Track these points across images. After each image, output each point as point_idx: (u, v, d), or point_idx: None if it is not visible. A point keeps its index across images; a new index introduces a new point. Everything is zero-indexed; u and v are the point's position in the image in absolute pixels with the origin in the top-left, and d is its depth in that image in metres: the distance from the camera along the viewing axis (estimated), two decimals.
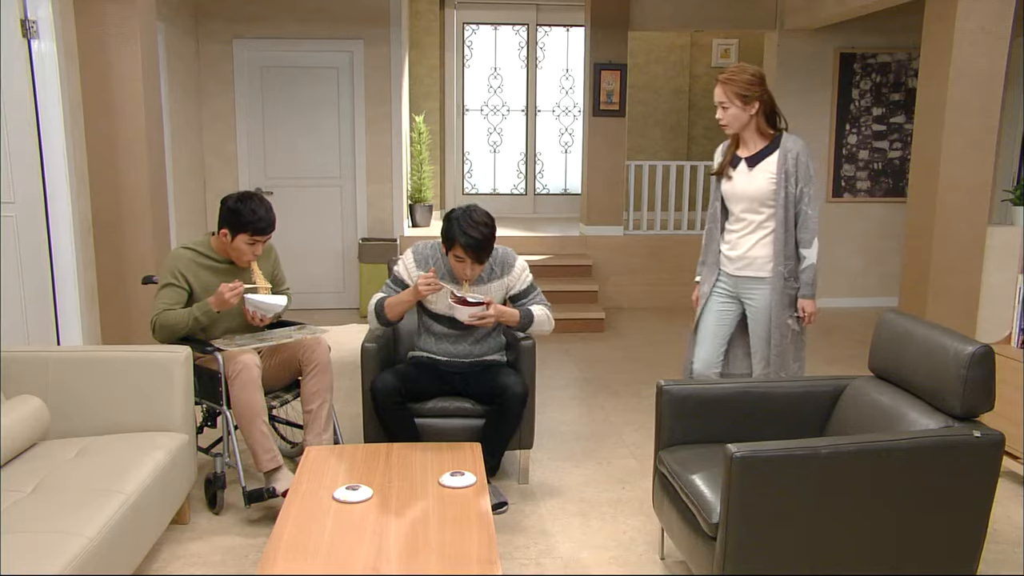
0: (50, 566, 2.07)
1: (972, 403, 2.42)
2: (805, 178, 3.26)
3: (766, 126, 3.32)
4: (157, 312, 3.30)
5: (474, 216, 3.21)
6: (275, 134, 6.94)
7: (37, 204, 4.01)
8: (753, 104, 3.26)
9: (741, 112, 3.27)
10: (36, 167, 3.99)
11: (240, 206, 3.30)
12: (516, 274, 3.45)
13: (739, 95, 3.25)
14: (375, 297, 3.41)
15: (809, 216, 3.26)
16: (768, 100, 3.29)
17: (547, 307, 3.47)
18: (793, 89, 7.19)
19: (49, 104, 3.98)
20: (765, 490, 2.31)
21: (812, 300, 3.34)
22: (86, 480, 2.56)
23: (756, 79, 3.26)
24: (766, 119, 3.30)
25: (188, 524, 3.23)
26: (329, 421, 3.44)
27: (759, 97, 3.26)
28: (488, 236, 3.21)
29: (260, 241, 3.37)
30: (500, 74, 8.78)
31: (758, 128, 3.32)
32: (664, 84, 8.92)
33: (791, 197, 3.26)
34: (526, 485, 3.64)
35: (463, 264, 3.26)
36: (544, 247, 7.29)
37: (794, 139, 3.30)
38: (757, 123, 3.30)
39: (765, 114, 3.29)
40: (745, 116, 3.28)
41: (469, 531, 2.40)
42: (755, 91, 3.25)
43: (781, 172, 3.26)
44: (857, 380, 2.87)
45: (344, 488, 2.64)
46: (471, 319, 3.20)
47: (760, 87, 3.26)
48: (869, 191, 7.38)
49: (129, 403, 3.04)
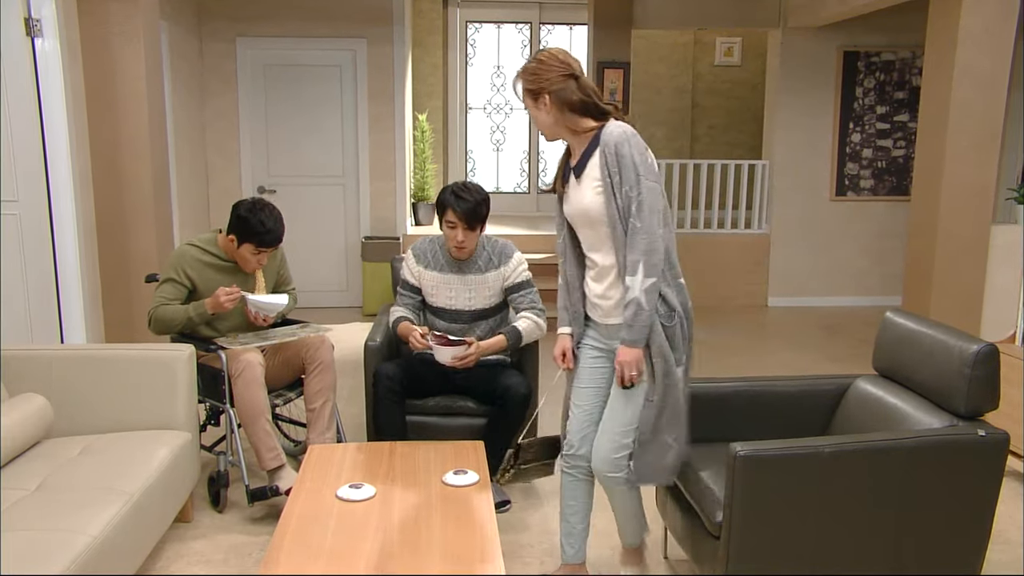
0: (54, 564, 2.07)
1: (976, 402, 2.41)
2: (630, 177, 2.37)
3: (580, 121, 2.46)
4: (155, 305, 3.32)
5: (467, 184, 3.37)
6: (278, 132, 6.94)
7: (41, 202, 4.01)
8: (542, 98, 2.45)
9: (536, 112, 2.49)
10: (40, 165, 3.99)
11: (250, 216, 3.30)
12: (512, 266, 3.47)
13: (527, 91, 2.49)
14: (394, 314, 3.48)
15: (638, 230, 2.36)
16: (567, 89, 2.42)
17: (538, 311, 3.46)
18: (796, 87, 7.19)
19: (52, 102, 3.98)
20: (769, 489, 2.31)
21: (634, 350, 2.40)
22: (89, 478, 2.57)
23: (541, 66, 2.45)
24: (577, 112, 2.45)
25: (191, 522, 3.23)
26: (332, 420, 3.44)
27: (549, 88, 2.43)
28: (479, 201, 3.31)
29: (265, 252, 3.37)
30: (503, 72, 8.78)
31: (570, 127, 2.47)
32: (667, 83, 8.91)
33: (623, 207, 2.40)
34: (528, 484, 3.64)
35: (455, 231, 3.30)
36: (547, 245, 7.28)
37: (614, 127, 2.42)
38: (566, 120, 2.46)
39: (571, 107, 2.44)
40: (543, 115, 2.48)
41: (472, 529, 2.40)
42: (538, 81, 2.44)
43: (604, 176, 2.42)
44: (861, 379, 2.86)
45: (347, 486, 2.63)
46: (453, 361, 3.19)
47: (545, 76, 2.43)
48: (872, 190, 7.37)
49: (132, 401, 3.04)
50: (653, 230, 2.36)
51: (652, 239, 2.36)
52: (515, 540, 3.14)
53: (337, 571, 2.17)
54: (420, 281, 3.47)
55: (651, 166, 2.40)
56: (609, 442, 2.53)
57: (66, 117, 4.03)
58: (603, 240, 2.50)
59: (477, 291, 3.44)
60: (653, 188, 2.38)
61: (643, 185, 2.36)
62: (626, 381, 2.44)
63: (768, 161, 7.39)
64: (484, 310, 3.46)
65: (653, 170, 2.41)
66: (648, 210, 2.36)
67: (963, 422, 2.44)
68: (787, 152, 7.31)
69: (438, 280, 3.45)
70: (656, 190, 2.39)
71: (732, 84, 8.99)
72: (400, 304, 3.50)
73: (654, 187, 2.38)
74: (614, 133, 2.40)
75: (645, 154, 2.40)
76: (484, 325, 3.49)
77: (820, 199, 7.38)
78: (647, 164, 2.39)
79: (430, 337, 3.19)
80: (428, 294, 3.46)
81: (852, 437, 2.48)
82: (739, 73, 8.97)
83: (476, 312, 3.46)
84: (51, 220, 4.05)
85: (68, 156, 4.06)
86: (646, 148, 2.42)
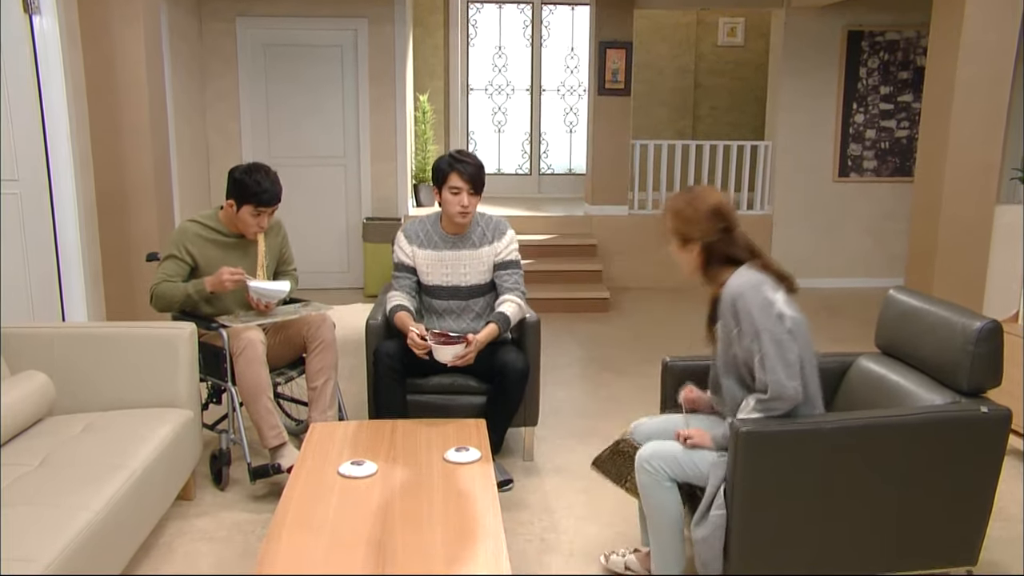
0: (57, 538, 2.08)
1: (979, 379, 2.40)
2: (749, 330, 2.35)
3: (721, 272, 2.48)
4: (155, 282, 3.32)
5: (462, 151, 3.38)
6: (279, 113, 6.91)
7: (41, 182, 4.00)
8: (691, 245, 2.47)
9: (680, 254, 2.54)
10: (39, 145, 3.98)
11: (245, 177, 3.30)
12: (504, 243, 3.47)
13: (677, 233, 2.50)
14: (391, 301, 3.41)
15: (764, 383, 2.36)
16: (720, 242, 2.44)
17: (520, 294, 3.45)
18: (800, 67, 7.14)
19: (52, 82, 3.96)
20: (770, 466, 2.31)
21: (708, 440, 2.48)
22: (92, 455, 2.57)
23: (696, 214, 2.44)
24: (721, 264, 2.47)
25: (194, 500, 3.24)
26: (334, 398, 3.44)
27: (701, 239, 2.45)
28: (479, 165, 3.35)
29: (265, 212, 3.36)
30: (505, 53, 8.73)
31: (710, 277, 2.52)
32: (669, 63, 8.85)
33: (743, 360, 2.43)
34: (531, 462, 3.65)
35: (459, 195, 3.29)
36: (548, 227, 7.26)
37: (735, 279, 2.41)
38: (708, 271, 2.51)
39: (718, 259, 2.47)
40: (686, 260, 2.53)
41: (474, 505, 2.41)
42: (690, 231, 2.46)
43: (724, 328, 2.47)
44: (863, 357, 2.86)
45: (349, 463, 2.64)
46: (455, 360, 3.15)
47: (699, 227, 2.44)
48: (876, 171, 7.34)
49: (134, 379, 3.04)
50: (781, 384, 2.29)
51: (780, 392, 2.30)
52: (515, 517, 3.14)
53: (340, 546, 2.17)
54: (414, 261, 3.46)
55: (775, 317, 2.32)
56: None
57: (66, 97, 4.01)
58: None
59: (472, 267, 3.43)
60: (780, 340, 2.30)
61: (764, 339, 2.31)
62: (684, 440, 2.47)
63: (771, 142, 7.35)
64: (480, 286, 3.46)
65: (778, 320, 2.32)
66: (772, 365, 2.30)
67: (965, 399, 2.43)
68: (790, 133, 7.27)
69: (432, 258, 3.43)
70: (786, 341, 2.30)
71: (735, 64, 8.93)
72: (397, 287, 3.47)
73: (782, 339, 2.30)
74: (732, 286, 2.38)
75: (767, 307, 2.32)
76: (481, 301, 3.48)
77: (823, 180, 7.35)
78: (770, 316, 2.31)
79: (429, 336, 3.16)
80: (423, 273, 3.45)
81: (854, 414, 2.47)
82: (742, 53, 8.92)
83: (473, 288, 3.45)
84: (52, 200, 4.04)
85: (68, 135, 4.04)
86: (774, 301, 2.33)
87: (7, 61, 3.79)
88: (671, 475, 2.45)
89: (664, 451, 2.47)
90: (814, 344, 2.44)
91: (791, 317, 2.34)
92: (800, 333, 2.35)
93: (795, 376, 2.31)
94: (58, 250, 4.08)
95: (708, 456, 2.43)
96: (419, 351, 3.17)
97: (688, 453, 2.45)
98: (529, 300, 3.54)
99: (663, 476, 2.44)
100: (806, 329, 2.39)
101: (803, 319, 2.39)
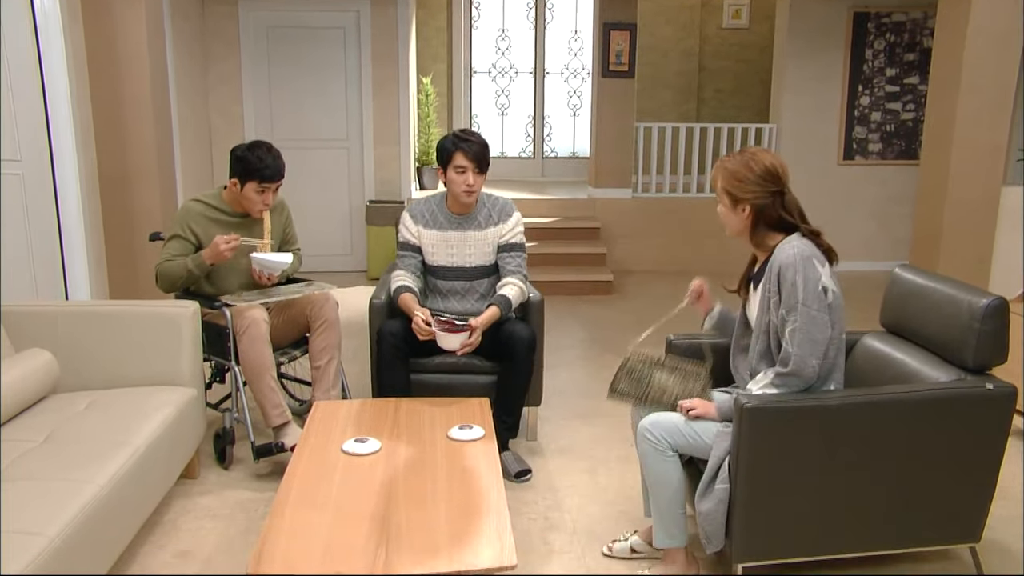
0: (62, 512, 2.08)
1: (985, 356, 2.39)
2: (789, 301, 2.35)
3: (770, 236, 2.48)
4: (159, 262, 3.32)
5: (466, 130, 3.36)
6: (281, 95, 6.88)
7: (43, 162, 3.99)
8: (741, 206, 2.45)
9: (730, 215, 2.50)
10: (41, 124, 3.96)
11: (247, 154, 3.29)
12: (510, 224, 3.45)
13: (727, 192, 2.46)
14: (395, 281, 3.38)
15: (790, 357, 2.36)
16: (771, 205, 2.43)
17: (522, 277, 3.44)
18: (805, 50, 7.09)
19: (53, 61, 3.94)
20: (775, 441, 2.30)
21: (712, 410, 2.48)
22: (96, 431, 2.57)
23: (750, 174, 2.41)
24: (771, 228, 2.47)
25: (198, 479, 3.25)
26: (337, 377, 3.44)
27: (752, 201, 2.43)
28: (484, 143, 3.33)
29: (270, 188, 3.35)
30: (508, 36, 8.68)
31: (758, 240, 2.52)
32: (674, 46, 8.80)
33: (776, 327, 2.43)
34: (534, 442, 3.65)
35: (464, 175, 3.27)
36: (552, 209, 7.24)
37: (787, 247, 2.40)
38: (757, 233, 2.50)
39: (768, 222, 2.46)
40: (735, 221, 2.50)
41: (478, 482, 2.41)
42: (742, 191, 2.43)
43: (764, 291, 2.46)
44: (867, 335, 2.85)
45: (352, 441, 2.64)
46: (462, 348, 3.13)
47: (751, 188, 2.42)
48: (881, 154, 7.30)
49: (138, 357, 3.04)
50: (803, 360, 2.30)
51: (800, 368, 2.31)
52: (519, 496, 3.15)
53: (344, 522, 2.18)
54: (420, 240, 3.44)
55: (819, 294, 2.31)
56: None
57: (67, 76, 3.99)
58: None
59: (477, 248, 3.42)
60: (815, 318, 2.29)
61: (802, 313, 2.30)
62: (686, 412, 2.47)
63: (775, 125, 7.31)
64: (485, 267, 3.45)
65: (821, 298, 2.31)
66: (801, 339, 2.30)
67: (971, 376, 2.42)
68: (795, 116, 7.23)
69: (438, 238, 3.42)
70: (819, 321, 2.30)
71: (740, 47, 8.88)
72: (402, 266, 3.45)
73: (817, 317, 2.30)
74: (783, 256, 2.35)
75: (814, 279, 2.30)
76: (486, 283, 3.48)
77: (828, 163, 7.31)
78: (815, 292, 2.30)
79: (434, 323, 3.13)
80: (428, 253, 3.43)
81: (859, 390, 2.46)
82: (747, 36, 8.86)
83: (478, 269, 3.44)
84: (54, 180, 4.03)
85: (70, 115, 4.03)
86: (820, 276, 2.32)
87: (8, 39, 3.77)
88: (672, 445, 2.44)
89: (666, 420, 2.47)
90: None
91: (833, 291, 2.36)
92: (838, 307, 2.37)
93: (819, 356, 2.32)
94: (61, 231, 4.08)
95: (711, 428, 2.42)
96: (423, 336, 3.16)
97: (690, 424, 2.44)
98: (532, 283, 3.53)
99: (665, 446, 2.44)
100: (842, 304, 2.40)
101: (841, 294, 2.41)
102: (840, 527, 2.41)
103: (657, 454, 2.45)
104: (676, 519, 2.49)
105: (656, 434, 2.44)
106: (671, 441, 2.44)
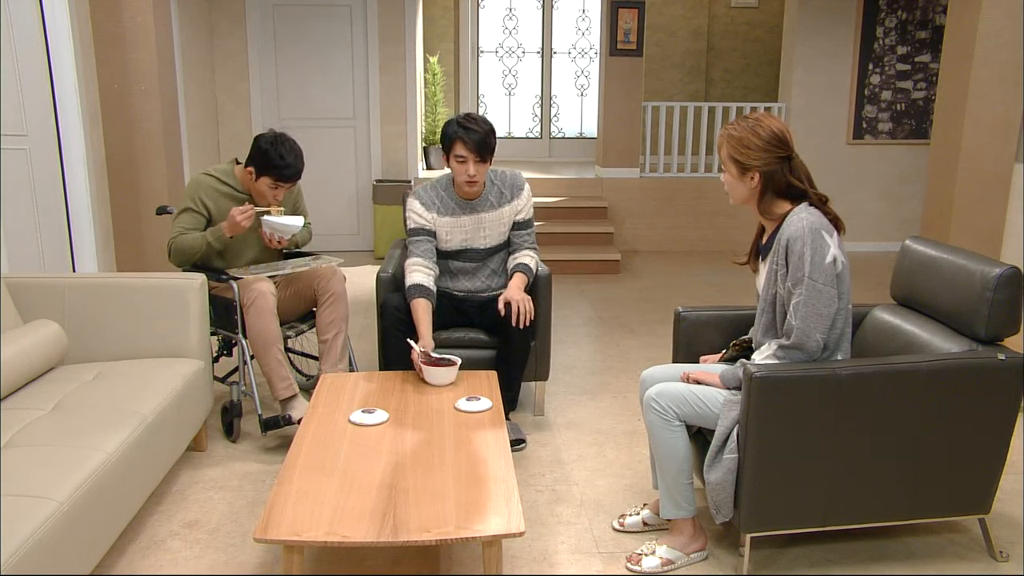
0: (71, 477, 2.08)
1: (997, 326, 2.37)
2: (795, 274, 2.32)
3: (777, 204, 2.43)
4: (173, 236, 3.30)
5: (471, 115, 3.26)
6: (288, 74, 6.85)
7: (50, 136, 3.99)
8: (749, 174, 2.40)
9: (736, 183, 2.45)
10: (48, 100, 3.95)
11: (271, 148, 3.26)
12: (524, 199, 3.44)
13: (733, 160, 2.41)
14: (411, 275, 3.26)
15: (793, 329, 2.34)
16: (779, 172, 2.38)
17: (535, 250, 3.44)
18: (815, 27, 7.02)
19: (59, 37, 3.93)
20: (784, 411, 2.29)
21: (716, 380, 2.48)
22: (104, 401, 2.58)
23: (756, 139, 2.35)
24: (779, 196, 2.42)
25: (206, 451, 3.25)
26: (344, 351, 3.43)
27: (760, 168, 2.37)
28: (487, 131, 3.22)
29: (283, 187, 3.33)
30: (515, 15, 8.62)
31: (765, 208, 2.45)
32: (682, 25, 8.73)
33: (782, 299, 2.41)
34: (541, 417, 3.65)
35: (465, 165, 3.22)
36: (560, 189, 7.22)
37: (795, 218, 2.36)
38: (764, 201, 2.44)
39: (776, 190, 2.40)
40: (741, 189, 2.45)
41: (485, 451, 2.40)
42: (750, 158, 2.37)
43: (771, 263, 2.43)
44: (878, 308, 2.83)
45: (360, 411, 2.64)
46: (447, 382, 2.95)
47: (758, 155, 2.36)
48: (891, 133, 7.24)
49: (145, 329, 3.04)
50: (807, 333, 2.29)
51: (803, 342, 2.30)
52: (526, 468, 3.15)
53: (351, 488, 2.17)
54: (435, 226, 3.37)
55: (826, 268, 2.28)
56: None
57: (73, 51, 3.98)
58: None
59: (492, 228, 3.39)
60: (821, 291, 2.28)
61: (808, 286, 2.28)
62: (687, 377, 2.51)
63: (785, 104, 7.26)
64: (497, 246, 3.43)
65: (827, 271, 2.29)
66: (805, 313, 2.28)
67: (983, 347, 2.40)
68: (804, 95, 7.17)
69: (451, 224, 3.36)
70: (825, 294, 2.28)
71: (749, 26, 8.81)
72: (418, 252, 3.31)
73: (823, 290, 2.28)
74: (791, 228, 2.31)
75: (822, 253, 2.27)
76: (496, 259, 3.46)
77: (837, 142, 7.26)
78: (821, 266, 2.27)
79: (419, 359, 2.97)
80: (442, 240, 3.38)
81: (870, 360, 2.45)
82: (756, 15, 8.78)
83: (490, 249, 3.43)
84: (60, 154, 4.03)
85: (76, 92, 4.01)
86: (830, 247, 2.29)
87: (14, 14, 3.76)
88: (679, 415, 2.43)
89: (672, 390, 2.45)
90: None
91: (842, 261, 2.35)
92: (845, 277, 2.36)
93: (823, 330, 2.30)
94: (68, 206, 4.08)
95: (718, 397, 2.41)
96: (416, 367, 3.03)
97: (697, 393, 2.43)
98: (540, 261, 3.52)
99: (671, 415, 2.43)
100: (849, 273, 2.39)
101: (848, 263, 2.39)
102: (849, 497, 2.40)
103: (664, 423, 2.44)
104: (683, 489, 2.48)
105: (663, 403, 2.43)
106: (677, 411, 2.43)
